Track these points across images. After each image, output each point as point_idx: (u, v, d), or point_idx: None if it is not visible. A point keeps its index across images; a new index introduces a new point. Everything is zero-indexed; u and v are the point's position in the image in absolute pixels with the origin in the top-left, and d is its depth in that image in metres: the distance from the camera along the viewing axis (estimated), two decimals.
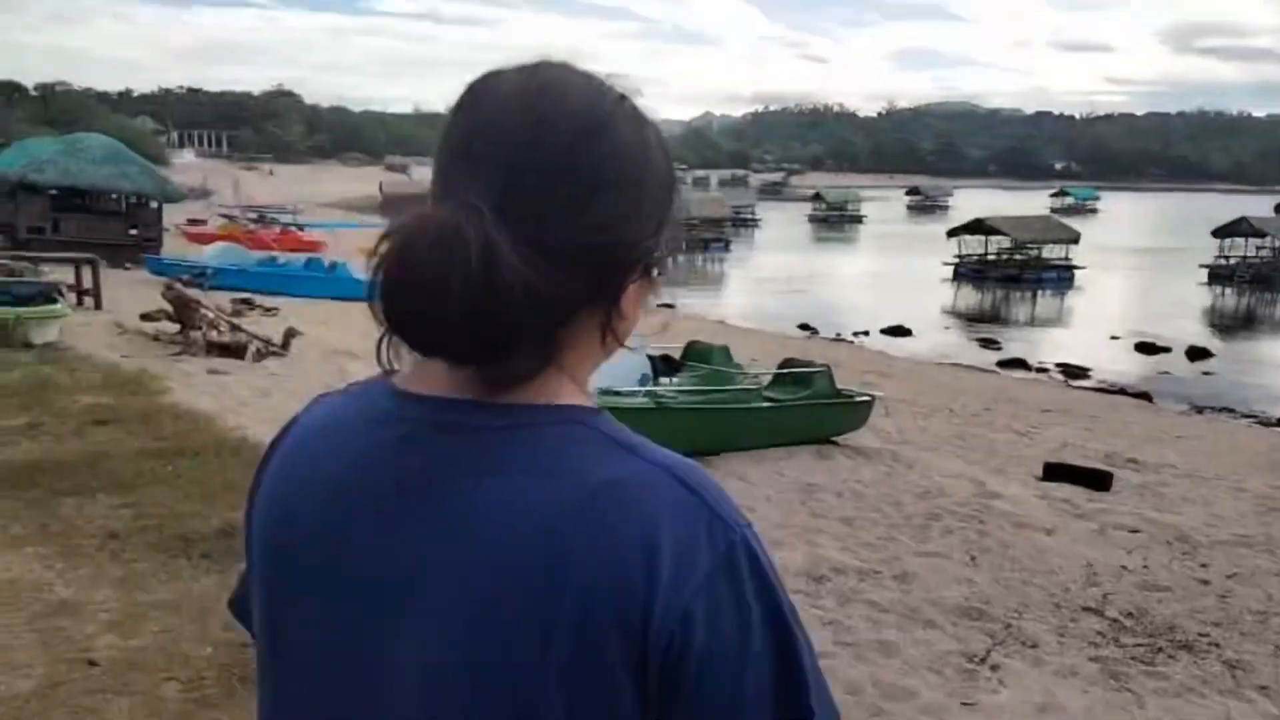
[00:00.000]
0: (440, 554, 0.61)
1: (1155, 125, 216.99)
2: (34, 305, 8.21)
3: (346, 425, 0.68)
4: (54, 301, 8.54)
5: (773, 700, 0.59)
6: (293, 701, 0.68)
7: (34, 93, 77.12)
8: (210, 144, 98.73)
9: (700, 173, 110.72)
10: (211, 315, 10.05)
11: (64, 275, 11.68)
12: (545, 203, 0.61)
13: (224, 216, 30.66)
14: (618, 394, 7.03)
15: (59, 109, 69.03)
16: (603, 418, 0.65)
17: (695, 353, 8.62)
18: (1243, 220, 34.70)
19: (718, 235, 43.91)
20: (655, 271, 0.68)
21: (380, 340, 0.62)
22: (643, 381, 7.43)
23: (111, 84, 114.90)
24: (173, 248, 21.13)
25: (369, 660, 0.63)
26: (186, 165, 62.25)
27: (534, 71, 0.65)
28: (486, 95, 0.65)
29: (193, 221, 28.20)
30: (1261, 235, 34.13)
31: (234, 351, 9.54)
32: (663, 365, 8.08)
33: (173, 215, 22.37)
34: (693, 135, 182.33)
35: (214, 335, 9.74)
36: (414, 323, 0.59)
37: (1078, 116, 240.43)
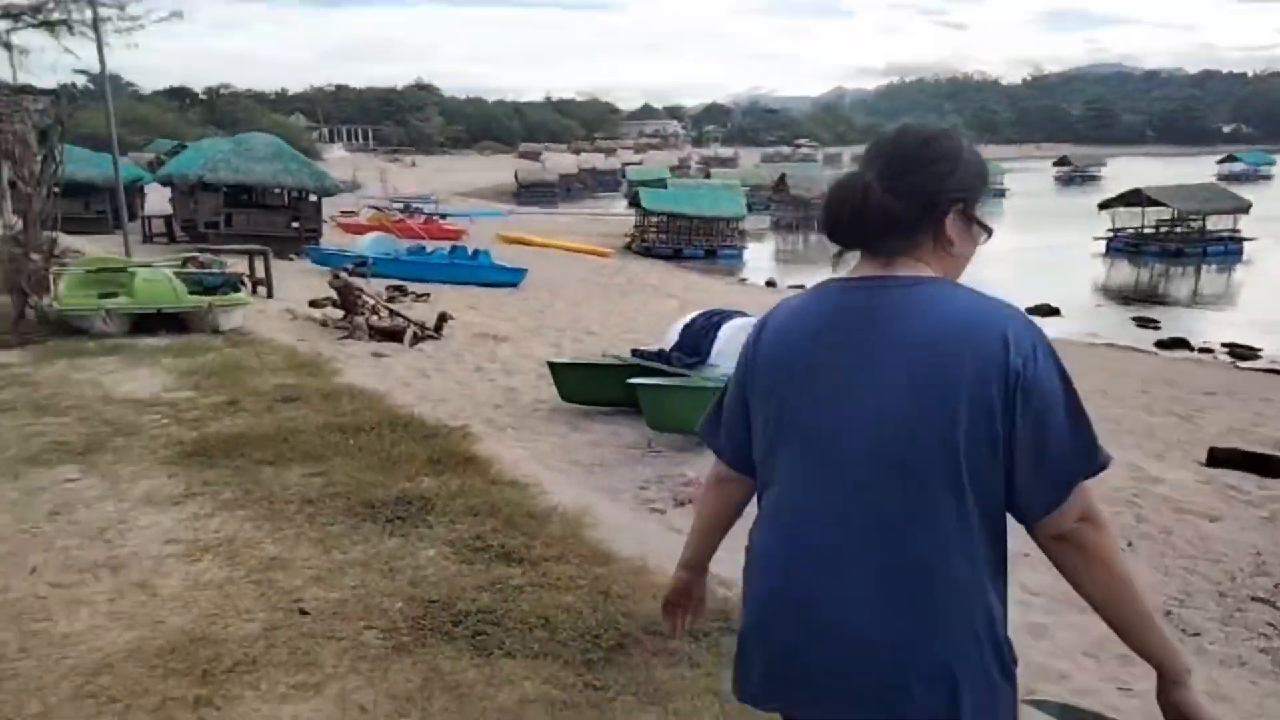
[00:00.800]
0: (887, 353, 1.27)
1: None
2: (221, 293, 9.03)
3: (813, 300, 1.39)
4: (238, 290, 9.37)
5: (1065, 401, 1.25)
6: (789, 460, 1.35)
7: (202, 96, 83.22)
8: (357, 138, 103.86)
9: (833, 150, 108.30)
10: (373, 302, 10.75)
11: (238, 266, 12.72)
12: (900, 169, 1.32)
13: (372, 208, 32.31)
14: None
15: (223, 110, 74.32)
16: (951, 281, 1.34)
17: None
18: None
19: None
20: (963, 207, 1.35)
21: (834, 255, 1.37)
22: None
23: (269, 84, 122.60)
24: (329, 238, 22.54)
25: (840, 416, 1.30)
26: (336, 159, 65.77)
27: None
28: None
29: (345, 213, 29.87)
30: None
31: (393, 335, 10.19)
32: None
33: (326, 207, 23.82)
34: (822, 111, 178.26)
35: (375, 320, 10.43)
36: (832, 227, 1.35)
37: (1250, 74, 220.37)
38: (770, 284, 25.22)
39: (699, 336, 7.83)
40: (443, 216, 32.24)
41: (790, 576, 1.33)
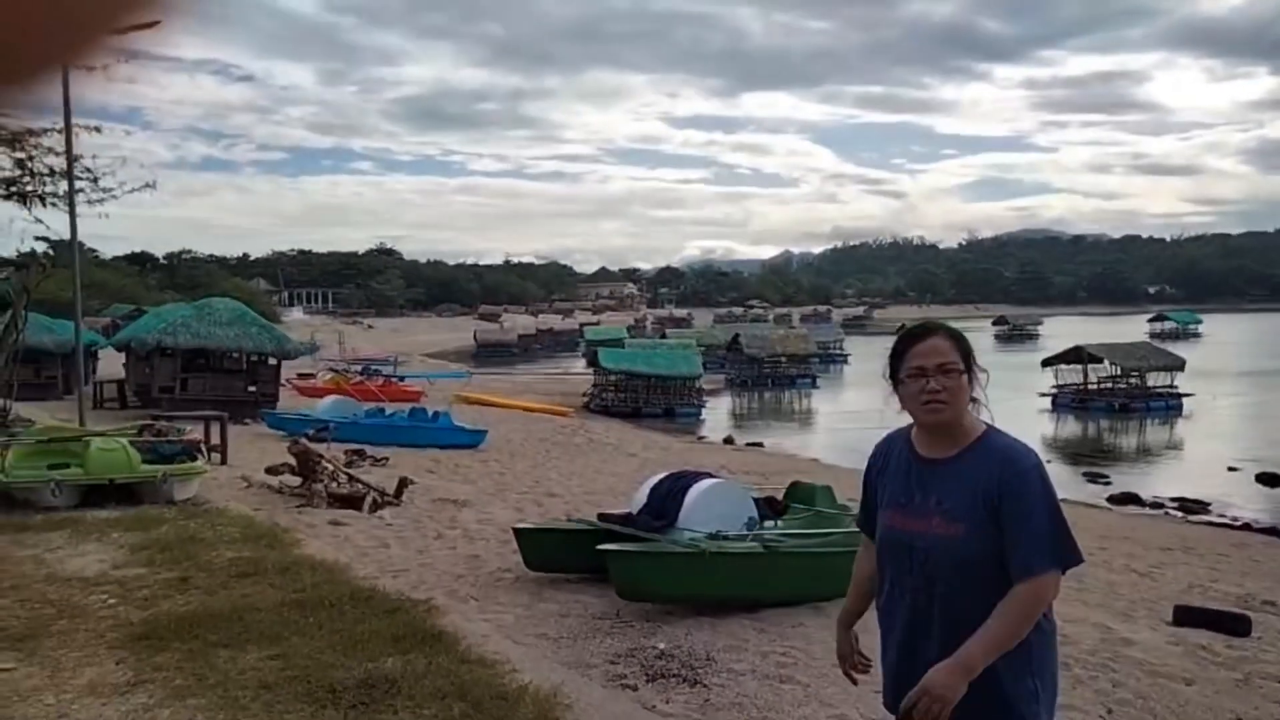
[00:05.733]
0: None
1: (1250, 244, 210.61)
2: (178, 462, 8.85)
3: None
4: (195, 459, 9.19)
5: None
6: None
7: (163, 261, 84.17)
8: (317, 301, 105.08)
9: (782, 310, 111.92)
10: (332, 468, 10.59)
11: (195, 432, 12.51)
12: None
13: (331, 370, 32.31)
14: (726, 538, 7.08)
15: (184, 275, 75.04)
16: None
17: (798, 494, 8.62)
18: None
19: (803, 371, 44.04)
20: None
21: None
22: (749, 525, 7.47)
23: (231, 250, 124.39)
24: (285, 401, 22.38)
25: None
26: (295, 322, 66.22)
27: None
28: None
29: (302, 375, 29.80)
30: None
31: (352, 502, 9.99)
32: (767, 508, 8.11)
33: (283, 370, 23.77)
34: (772, 274, 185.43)
35: (334, 487, 10.24)
36: None
37: (1168, 239, 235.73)
38: (728, 441, 25.39)
39: (666, 499, 7.79)
40: (401, 378, 32.31)
41: None
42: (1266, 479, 19.25)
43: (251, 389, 21.29)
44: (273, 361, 21.90)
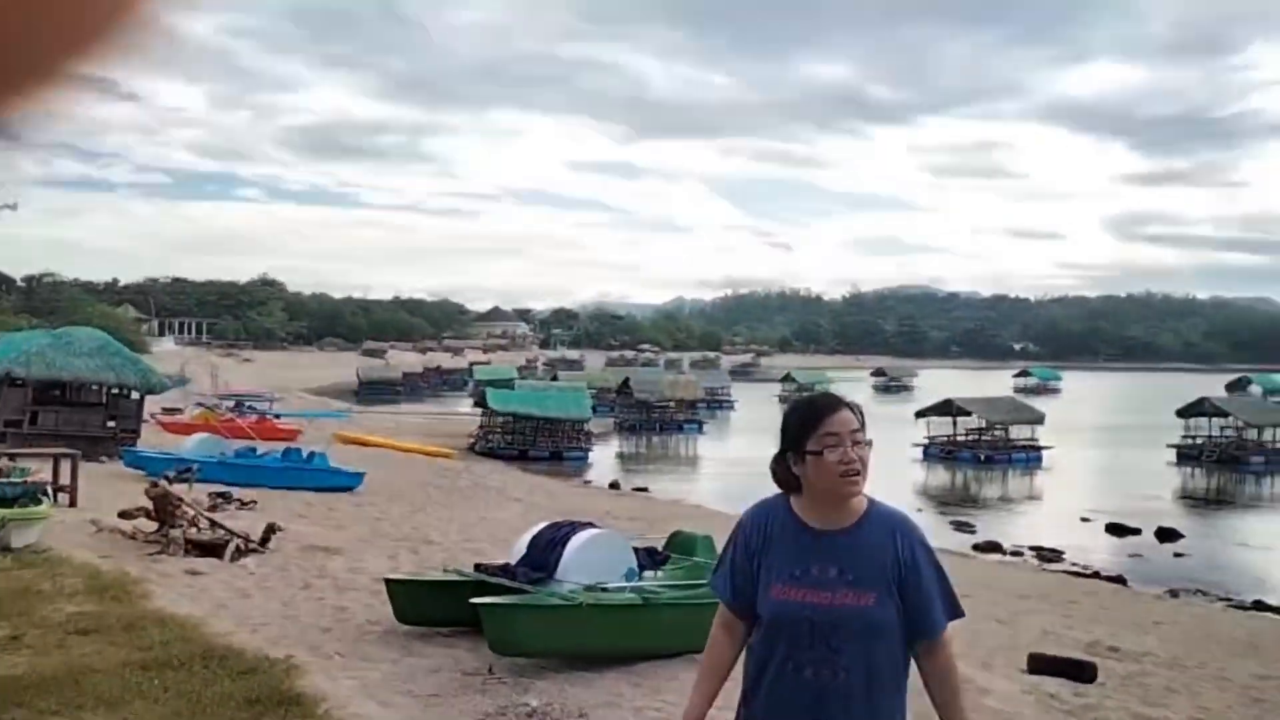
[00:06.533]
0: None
1: (1107, 307, 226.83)
2: (18, 506, 8.21)
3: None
4: (39, 502, 8.54)
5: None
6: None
7: (20, 284, 78.71)
8: (191, 332, 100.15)
9: (673, 355, 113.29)
10: (192, 512, 10.04)
11: (41, 471, 11.67)
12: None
13: (200, 405, 30.78)
14: (604, 590, 7.04)
15: (41, 299, 70.33)
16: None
17: (679, 544, 8.64)
18: (1204, 400, 35.91)
19: (691, 416, 44.59)
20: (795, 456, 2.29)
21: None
22: (628, 576, 7.45)
23: (101, 274, 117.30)
24: (148, 438, 21.14)
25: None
26: (165, 353, 62.91)
27: None
28: None
29: (168, 410, 28.28)
30: (1224, 415, 35.17)
31: (213, 549, 9.47)
32: (647, 558, 8.11)
33: (148, 404, 22.49)
34: (664, 319, 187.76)
35: (193, 533, 9.70)
36: None
37: (1033, 299, 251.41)
38: (614, 486, 25.37)
39: (546, 549, 7.70)
40: (277, 416, 31.07)
41: None
42: (1115, 529, 20.54)
43: (111, 424, 20.03)
44: (135, 395, 20.69)
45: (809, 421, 2.25)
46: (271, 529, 10.37)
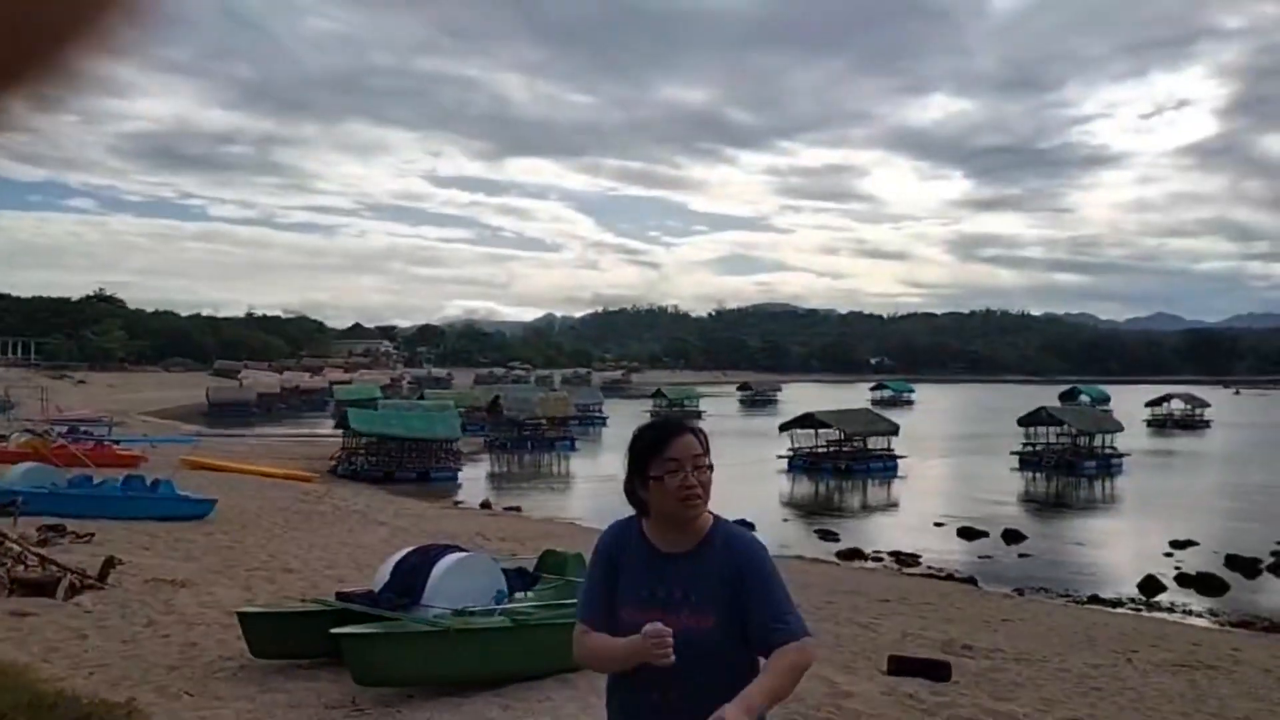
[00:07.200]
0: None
1: (952, 323, 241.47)
2: None
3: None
4: None
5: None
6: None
7: None
8: (16, 352, 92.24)
9: (544, 371, 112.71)
10: (17, 549, 9.19)
11: None
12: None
13: (29, 431, 28.33)
14: (472, 614, 6.88)
15: None
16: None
17: (551, 563, 8.55)
18: (1041, 410, 38.53)
19: (563, 434, 44.38)
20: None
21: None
22: (498, 599, 7.30)
23: None
24: None
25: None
26: None
27: None
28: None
29: None
30: (1059, 423, 37.80)
31: (43, 588, 8.69)
32: (518, 579, 7.97)
33: None
34: (534, 335, 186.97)
35: (20, 570, 8.88)
36: None
37: (885, 316, 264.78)
38: (485, 505, 24.93)
39: (411, 575, 7.45)
40: (116, 442, 28.99)
41: None
42: (966, 533, 21.75)
43: None
44: None
45: (651, 447, 2.27)
46: (110, 562, 9.63)
